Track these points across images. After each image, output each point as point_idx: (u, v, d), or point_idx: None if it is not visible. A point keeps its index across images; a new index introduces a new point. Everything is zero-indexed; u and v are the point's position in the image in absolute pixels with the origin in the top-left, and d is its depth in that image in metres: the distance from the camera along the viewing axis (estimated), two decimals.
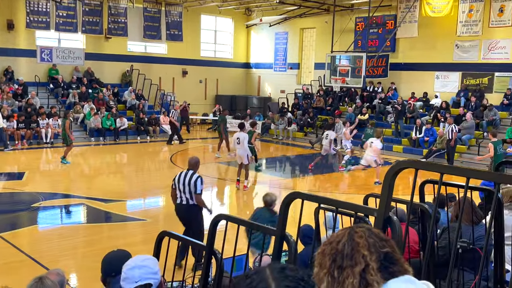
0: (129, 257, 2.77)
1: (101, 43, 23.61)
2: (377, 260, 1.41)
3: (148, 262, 2.40)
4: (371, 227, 1.52)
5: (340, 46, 22.82)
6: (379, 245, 1.45)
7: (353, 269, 1.40)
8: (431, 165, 2.24)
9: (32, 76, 21.57)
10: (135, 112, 22.19)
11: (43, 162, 17.10)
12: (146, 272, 2.34)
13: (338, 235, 1.49)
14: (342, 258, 1.42)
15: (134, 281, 2.31)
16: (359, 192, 12.64)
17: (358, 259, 1.41)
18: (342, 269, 1.41)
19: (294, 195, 2.47)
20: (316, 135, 21.80)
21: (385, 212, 2.01)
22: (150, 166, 16.96)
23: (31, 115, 19.11)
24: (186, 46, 25.98)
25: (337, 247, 1.45)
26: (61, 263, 7.31)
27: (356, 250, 1.42)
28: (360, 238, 1.45)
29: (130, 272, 2.34)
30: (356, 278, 1.39)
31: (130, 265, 2.37)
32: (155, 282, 2.36)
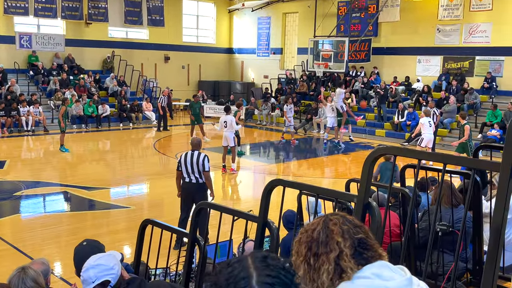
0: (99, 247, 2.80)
1: (81, 29, 23.25)
2: (351, 246, 1.44)
3: (101, 260, 2.45)
4: (346, 214, 1.55)
5: (323, 31, 22.81)
6: (353, 231, 1.47)
7: (328, 256, 1.43)
8: (409, 151, 2.28)
9: (11, 63, 21.20)
10: (117, 98, 21.98)
11: (24, 150, 16.91)
12: (101, 270, 2.40)
13: (313, 223, 1.51)
14: (317, 246, 1.45)
15: (91, 282, 2.37)
16: (342, 177, 12.75)
17: (332, 246, 1.44)
18: (317, 256, 1.44)
19: (276, 182, 2.49)
20: (299, 120, 21.85)
21: (365, 198, 2.04)
22: (133, 153, 16.88)
23: (11, 102, 18.82)
24: (168, 31, 25.72)
25: (312, 235, 1.48)
26: (45, 252, 7.29)
27: (330, 237, 1.45)
28: (334, 226, 1.47)
29: (85, 274, 2.41)
30: (331, 265, 1.42)
31: (85, 267, 2.44)
32: (113, 277, 2.41)
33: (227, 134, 12.87)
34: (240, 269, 1.15)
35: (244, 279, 1.13)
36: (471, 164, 2.09)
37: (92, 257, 2.51)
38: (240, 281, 1.12)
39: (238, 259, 1.19)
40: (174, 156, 15.40)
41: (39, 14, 21.61)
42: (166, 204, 10.60)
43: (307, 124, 21.19)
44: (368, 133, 19.88)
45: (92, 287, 2.35)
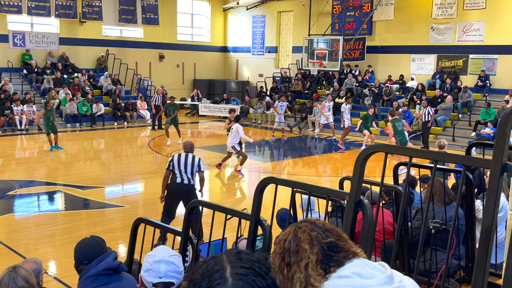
0: (102, 244, 2.75)
1: (75, 27, 23.16)
2: (319, 252, 1.44)
3: (175, 259, 2.25)
4: (316, 220, 1.54)
5: (318, 30, 22.83)
6: (322, 236, 1.47)
7: (299, 265, 1.42)
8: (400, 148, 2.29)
9: (4, 62, 21.11)
10: (111, 97, 21.93)
11: (18, 149, 16.84)
12: (173, 269, 2.21)
13: (285, 233, 1.52)
14: (289, 256, 1.45)
15: (158, 276, 2.17)
16: (336, 175, 12.77)
17: (302, 254, 1.44)
18: (290, 266, 1.43)
19: (268, 180, 2.49)
20: (294, 118, 21.87)
21: (357, 196, 2.05)
22: (128, 152, 16.84)
23: (5, 101, 18.74)
24: (162, 30, 25.67)
25: (284, 245, 1.48)
26: (39, 251, 7.27)
27: (300, 246, 1.45)
28: (302, 233, 1.47)
29: (156, 265, 2.20)
30: (303, 273, 1.42)
31: (157, 257, 2.23)
32: (177, 281, 2.22)
33: (227, 143, 12.91)
34: (214, 263, 1.17)
35: (218, 271, 1.15)
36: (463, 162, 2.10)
37: (166, 250, 2.31)
38: (214, 274, 1.14)
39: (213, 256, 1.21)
40: (169, 155, 15.38)
41: (32, 13, 21.51)
42: (161, 204, 10.58)
43: (302, 122, 21.21)
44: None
45: (155, 282, 2.16)
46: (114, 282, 2.52)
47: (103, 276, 2.50)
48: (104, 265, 2.50)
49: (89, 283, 2.49)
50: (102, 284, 2.48)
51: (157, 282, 2.18)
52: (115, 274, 2.54)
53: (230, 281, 1.12)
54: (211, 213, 3.02)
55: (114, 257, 2.57)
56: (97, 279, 2.48)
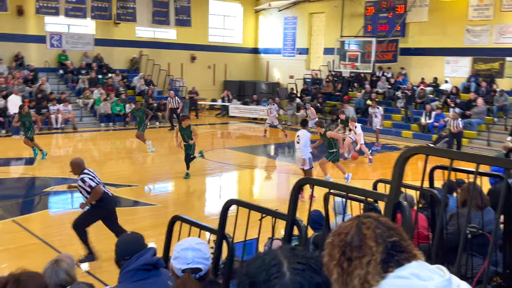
0: (141, 240, 2.82)
1: (110, 28, 23.60)
2: (383, 251, 1.43)
3: (202, 246, 2.39)
4: (379, 216, 1.53)
5: (350, 31, 22.66)
6: (387, 234, 1.45)
7: (361, 261, 1.42)
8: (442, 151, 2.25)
9: (42, 62, 21.66)
10: (144, 97, 22.24)
11: (53, 147, 17.23)
12: (199, 256, 2.33)
13: (346, 226, 1.50)
14: (351, 250, 1.44)
15: (186, 263, 2.31)
16: (367, 178, 12.64)
17: (365, 250, 1.43)
18: (351, 261, 1.43)
19: (305, 181, 2.49)
20: (325, 120, 21.74)
21: (395, 198, 2.03)
22: (159, 151, 17.03)
23: (42, 101, 19.22)
24: (194, 31, 25.90)
25: (345, 239, 1.46)
26: (72, 247, 7.41)
27: (364, 242, 1.44)
28: (367, 230, 1.45)
29: (183, 253, 2.33)
30: (364, 270, 1.41)
31: (184, 245, 2.37)
32: (205, 267, 2.35)
33: (300, 154, 10.67)
34: (271, 258, 1.17)
35: (275, 266, 1.15)
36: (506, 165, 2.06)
37: (192, 239, 2.48)
38: (271, 268, 1.15)
39: (267, 251, 1.22)
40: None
41: (69, 14, 22.01)
42: (191, 202, 10.70)
43: (332, 124, 21.06)
44: (395, 134, 19.67)
45: (183, 268, 2.30)
46: (152, 277, 2.57)
47: (142, 271, 2.56)
48: (143, 260, 2.57)
49: (128, 277, 2.55)
50: (141, 279, 2.54)
51: (185, 268, 2.29)
52: (154, 269, 2.60)
53: (288, 275, 1.12)
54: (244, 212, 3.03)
55: (153, 253, 2.63)
56: (136, 274, 2.55)
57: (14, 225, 8.44)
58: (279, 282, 1.12)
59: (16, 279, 2.01)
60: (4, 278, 2.03)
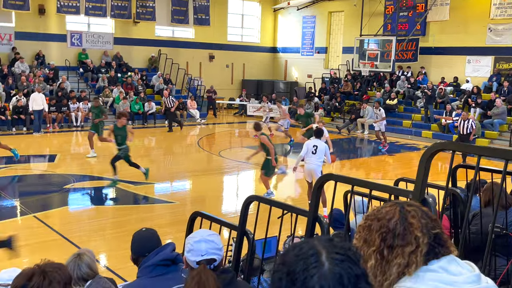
0: (157, 236, 2.82)
1: (129, 27, 23.78)
2: (428, 242, 1.40)
3: (214, 237, 2.42)
4: (421, 206, 1.49)
5: (369, 30, 22.48)
6: (431, 226, 1.43)
7: (404, 249, 1.39)
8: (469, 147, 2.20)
9: (62, 61, 21.91)
10: (163, 96, 22.35)
11: (73, 144, 17.42)
12: (212, 247, 2.36)
13: (388, 212, 1.45)
14: (393, 237, 1.40)
15: (200, 254, 2.33)
16: (387, 178, 12.53)
17: (410, 239, 1.39)
18: (392, 248, 1.40)
19: (328, 177, 2.46)
20: (343, 120, 21.63)
21: (421, 194, 1.98)
22: (177, 149, 17.11)
23: (62, 99, 19.44)
24: (213, 30, 25.96)
25: (388, 225, 1.42)
26: (91, 243, 7.48)
27: (409, 231, 1.40)
28: (413, 218, 1.42)
29: (197, 245, 2.36)
30: (405, 259, 1.38)
31: (197, 238, 2.39)
32: (219, 258, 2.38)
33: (313, 167, 9.19)
34: (308, 247, 1.15)
35: (313, 255, 1.12)
36: None
37: (204, 231, 2.51)
38: (309, 257, 1.12)
39: (304, 241, 1.19)
40: (218, 154, 15.54)
41: (89, 13, 22.23)
42: (209, 200, 10.71)
43: (351, 124, 20.94)
44: (414, 134, 19.46)
45: (198, 259, 2.32)
46: (171, 272, 2.57)
47: (161, 267, 2.56)
48: (162, 256, 2.57)
49: (147, 272, 2.55)
50: (160, 274, 2.54)
51: (200, 260, 2.31)
52: (172, 264, 2.60)
53: (327, 265, 1.10)
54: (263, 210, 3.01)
55: (172, 249, 2.62)
56: (155, 269, 2.54)
57: (35, 220, 8.55)
58: (317, 272, 1.09)
59: (42, 270, 2.02)
60: (30, 270, 2.05)
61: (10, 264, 6.13)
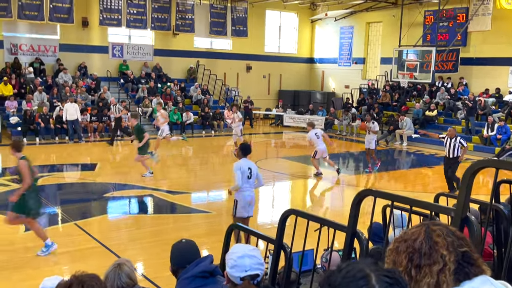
0: (197, 248, 2.83)
1: (169, 39, 24.23)
2: (455, 260, 1.38)
3: (256, 252, 2.43)
4: (447, 225, 1.49)
5: (408, 40, 22.19)
6: (457, 244, 1.41)
7: (431, 268, 1.37)
8: None
9: (104, 72, 22.49)
10: (200, 106, 22.63)
11: (113, 154, 17.80)
12: (256, 262, 2.38)
13: (414, 233, 1.45)
14: (419, 257, 1.40)
15: (244, 270, 2.34)
16: (426, 191, 12.26)
17: (436, 258, 1.38)
18: (419, 268, 1.38)
19: (366, 192, 2.43)
20: (381, 131, 21.35)
21: (463, 212, 1.94)
22: (214, 159, 17.25)
23: (103, 109, 19.92)
24: (250, 41, 26.16)
25: (413, 245, 1.42)
26: (129, 252, 7.59)
27: (434, 249, 1.39)
28: (438, 237, 1.42)
29: (240, 260, 2.37)
30: (433, 278, 1.36)
31: (239, 253, 2.40)
32: (261, 273, 2.39)
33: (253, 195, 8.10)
34: (356, 270, 1.14)
35: (363, 278, 1.12)
36: None
37: (245, 246, 2.53)
38: (359, 280, 1.11)
39: (349, 263, 1.18)
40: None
41: (131, 25, 22.79)
42: None
43: (389, 135, 20.65)
44: None
45: (243, 275, 2.33)
46: (210, 284, 2.58)
47: (200, 278, 2.57)
48: (201, 268, 2.58)
49: (186, 284, 2.56)
50: (198, 286, 2.55)
51: (244, 275, 2.32)
52: (211, 277, 2.60)
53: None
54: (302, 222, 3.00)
55: (210, 261, 2.64)
56: (194, 281, 2.56)
57: (75, 228, 8.76)
58: None
59: (80, 281, 2.06)
60: (68, 280, 2.09)
61: (52, 271, 6.31)
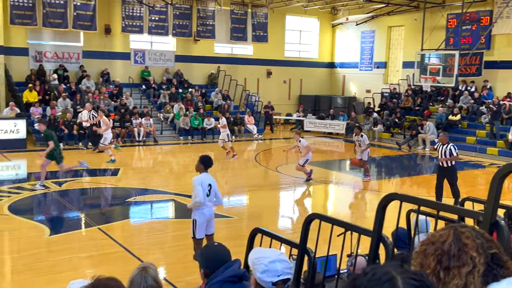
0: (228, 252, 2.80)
1: (189, 45, 24.41)
2: (484, 262, 1.36)
3: (284, 257, 2.43)
4: (475, 227, 1.47)
5: (430, 44, 21.96)
6: (487, 246, 1.40)
7: (460, 270, 1.36)
8: None
9: (126, 78, 22.75)
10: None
11: (135, 159, 17.97)
12: (286, 267, 2.37)
13: (442, 235, 1.45)
14: (448, 259, 1.39)
15: (277, 275, 2.34)
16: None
17: (465, 260, 1.37)
18: (448, 270, 1.37)
19: (392, 196, 2.40)
20: (403, 136, 21.13)
21: (492, 216, 1.90)
22: (235, 164, 17.26)
23: (125, 115, 20.14)
24: (271, 47, 26.19)
25: (442, 247, 1.41)
26: (151, 256, 7.64)
27: (463, 251, 1.38)
28: (467, 239, 1.41)
29: (272, 265, 2.36)
30: (462, 280, 1.35)
31: (271, 257, 2.39)
32: (291, 277, 2.40)
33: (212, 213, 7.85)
34: (382, 272, 1.13)
35: (389, 281, 1.10)
36: None
37: (271, 251, 2.52)
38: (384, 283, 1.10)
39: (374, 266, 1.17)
40: (275, 169, 15.55)
41: (152, 32, 23.04)
42: (267, 215, 10.71)
43: (411, 140, 20.42)
44: (479, 151, 18.69)
45: (275, 280, 2.33)
46: None
47: (228, 283, 2.56)
48: (231, 272, 2.57)
49: None
50: None
51: (276, 280, 2.31)
52: (238, 282, 2.59)
53: None
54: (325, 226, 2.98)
55: (239, 265, 2.62)
56: (223, 285, 2.55)
57: (99, 232, 8.85)
58: None
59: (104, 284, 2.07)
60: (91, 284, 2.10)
61: (76, 275, 6.37)
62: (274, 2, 25.14)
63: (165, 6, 22.75)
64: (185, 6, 23.56)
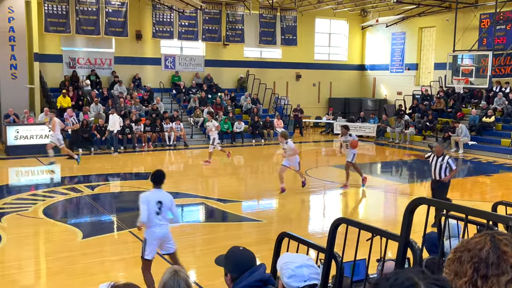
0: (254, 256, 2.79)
1: (219, 50, 24.59)
2: None
3: (312, 262, 2.43)
4: None
5: (463, 45, 21.54)
6: None
7: (499, 279, 1.33)
8: None
9: (157, 83, 23.07)
10: (250, 116, 22.77)
11: (166, 163, 18.17)
12: (313, 272, 2.37)
13: (478, 242, 1.41)
14: (486, 267, 1.35)
15: (303, 280, 2.33)
16: (484, 200, 11.81)
17: (505, 268, 1.34)
18: (486, 278, 1.34)
19: (419, 201, 2.37)
20: (436, 138, 20.76)
21: None
22: (264, 168, 17.30)
23: (156, 119, 20.41)
24: (300, 50, 26.15)
25: (479, 255, 1.38)
26: (181, 259, 7.66)
27: (502, 259, 1.34)
28: (506, 246, 1.37)
29: (299, 270, 2.36)
30: None
31: (298, 262, 2.39)
32: (319, 282, 2.39)
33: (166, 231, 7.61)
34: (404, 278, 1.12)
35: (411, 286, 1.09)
36: None
37: (299, 256, 2.52)
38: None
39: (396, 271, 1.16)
40: (304, 173, 15.48)
41: (182, 37, 23.32)
42: (296, 219, 10.67)
43: (444, 142, 20.03)
44: None
45: (302, 285, 2.32)
46: None
47: (254, 287, 2.56)
48: (257, 276, 2.57)
49: None
50: None
51: (303, 286, 2.30)
52: (264, 286, 2.59)
53: None
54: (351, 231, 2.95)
55: (264, 269, 2.62)
56: None
57: (130, 235, 8.97)
58: None
59: None
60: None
61: (107, 278, 6.48)
62: (303, 5, 25.10)
63: (194, 11, 22.98)
64: (214, 11, 23.76)
